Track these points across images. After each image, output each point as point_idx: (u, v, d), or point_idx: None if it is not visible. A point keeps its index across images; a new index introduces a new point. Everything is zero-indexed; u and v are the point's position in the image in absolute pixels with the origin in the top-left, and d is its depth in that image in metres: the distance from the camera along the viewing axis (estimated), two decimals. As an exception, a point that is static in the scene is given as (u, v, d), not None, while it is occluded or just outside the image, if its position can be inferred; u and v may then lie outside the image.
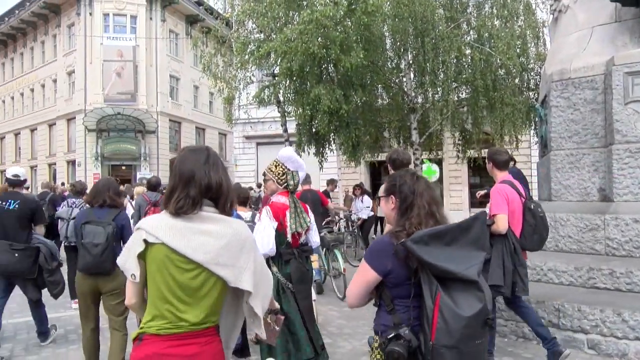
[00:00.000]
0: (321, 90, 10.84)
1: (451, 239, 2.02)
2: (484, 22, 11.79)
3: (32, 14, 33.09)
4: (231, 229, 1.89)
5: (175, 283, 1.82)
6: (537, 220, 4.46)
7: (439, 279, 1.95)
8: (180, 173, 1.91)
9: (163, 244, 1.82)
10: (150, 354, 1.81)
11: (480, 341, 1.99)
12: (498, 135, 12.45)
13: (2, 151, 40.02)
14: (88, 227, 4.15)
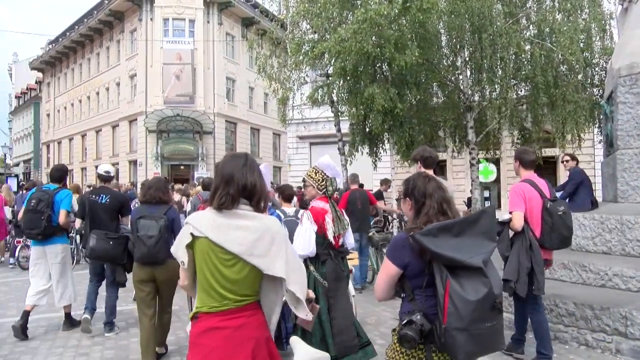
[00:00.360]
0: (375, 89, 10.78)
1: (459, 231, 2.22)
2: (545, 16, 11.34)
3: (99, 22, 34.78)
4: (263, 224, 2.24)
5: (217, 270, 2.18)
6: (555, 219, 4.42)
7: (449, 267, 2.15)
8: (222, 174, 2.27)
9: (206, 237, 2.18)
10: (205, 329, 2.19)
11: (491, 324, 2.16)
12: (559, 133, 11.95)
13: (70, 151, 42.25)
14: (142, 222, 4.58)
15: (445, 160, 21.98)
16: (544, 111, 11.93)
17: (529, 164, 4.80)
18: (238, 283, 2.20)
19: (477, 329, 2.12)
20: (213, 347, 2.17)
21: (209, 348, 2.18)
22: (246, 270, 2.20)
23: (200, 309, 2.24)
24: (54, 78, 45.80)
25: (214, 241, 2.17)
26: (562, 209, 4.48)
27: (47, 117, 48.08)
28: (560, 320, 5.32)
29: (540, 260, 4.45)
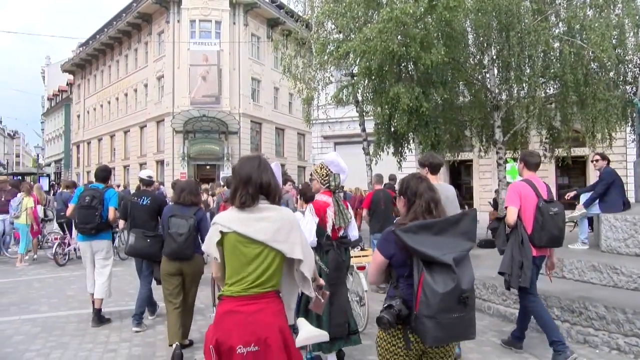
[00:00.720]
0: (400, 88, 10.71)
1: (439, 230, 2.51)
2: (575, 12, 11.10)
3: (127, 24, 35.44)
4: (281, 214, 2.58)
5: (245, 259, 2.50)
6: (545, 218, 4.65)
7: (425, 262, 2.42)
8: (240, 176, 2.57)
9: (234, 232, 2.50)
10: (226, 310, 2.49)
11: (458, 315, 2.41)
12: (589, 133, 11.68)
13: (99, 151, 43.13)
14: (173, 220, 4.98)
15: (472, 160, 21.72)
16: (574, 110, 11.67)
17: (533, 166, 5.09)
18: (262, 271, 2.50)
19: (445, 318, 2.37)
20: (231, 327, 2.46)
21: (228, 328, 2.46)
22: (271, 257, 2.51)
23: (225, 293, 2.55)
24: (84, 80, 46.86)
25: (242, 233, 2.49)
26: (554, 210, 4.71)
27: (77, 118, 49.20)
28: (590, 323, 5.20)
29: (529, 255, 4.69)
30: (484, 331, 5.88)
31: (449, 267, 2.40)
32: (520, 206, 4.79)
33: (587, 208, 7.40)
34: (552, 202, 4.83)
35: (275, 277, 2.56)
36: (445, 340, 2.51)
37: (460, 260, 2.46)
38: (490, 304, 6.58)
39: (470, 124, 14.08)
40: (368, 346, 5.05)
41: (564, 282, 6.32)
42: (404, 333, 2.55)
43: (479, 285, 6.82)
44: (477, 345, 5.34)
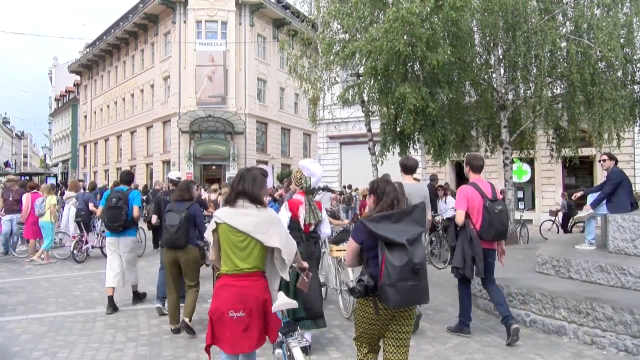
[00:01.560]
0: (406, 88, 10.68)
1: (397, 219, 3.23)
2: (583, 11, 11.03)
3: (134, 25, 35.59)
4: (262, 213, 3.33)
5: (233, 245, 3.25)
6: (492, 216, 5.32)
7: (386, 244, 3.10)
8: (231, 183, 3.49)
9: (225, 223, 3.26)
10: (222, 284, 3.26)
11: (412, 283, 3.09)
12: (596, 132, 11.61)
13: (106, 152, 43.35)
14: (169, 214, 5.72)
15: (478, 160, 21.68)
16: (581, 109, 11.59)
17: (478, 169, 5.70)
18: (248, 254, 3.25)
19: (402, 285, 3.06)
20: (225, 297, 3.21)
21: (222, 297, 3.22)
22: (252, 244, 3.24)
23: (222, 272, 3.30)
24: (91, 81, 47.11)
25: (230, 224, 3.25)
26: (499, 208, 5.40)
27: (84, 119, 49.47)
28: (597, 324, 5.17)
29: (479, 250, 5.37)
30: (489, 332, 5.86)
31: (403, 246, 3.09)
32: (467, 207, 5.44)
33: (594, 208, 7.36)
34: (496, 201, 5.48)
35: (258, 262, 3.29)
36: (404, 303, 3.16)
37: (414, 241, 3.15)
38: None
39: (476, 124, 14.03)
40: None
41: (570, 283, 6.29)
42: (374, 302, 3.23)
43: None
44: (483, 346, 5.33)
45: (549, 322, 5.71)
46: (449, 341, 5.51)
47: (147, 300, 7.49)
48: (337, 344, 5.45)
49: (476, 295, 7.00)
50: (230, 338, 3.17)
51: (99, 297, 7.69)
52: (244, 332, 3.16)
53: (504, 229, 5.44)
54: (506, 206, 5.52)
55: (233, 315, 3.15)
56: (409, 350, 3.48)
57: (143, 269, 10.33)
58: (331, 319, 6.24)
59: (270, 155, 34.00)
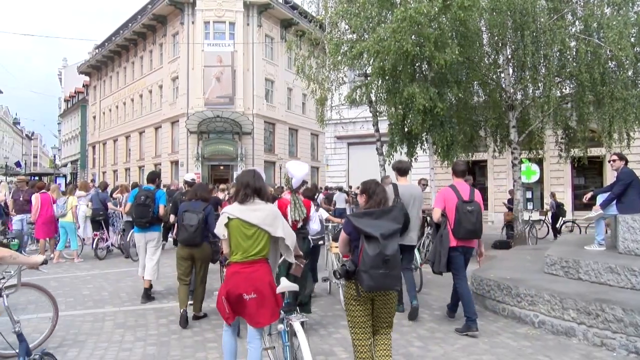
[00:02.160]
0: (415, 88, 10.66)
1: (377, 216, 3.74)
2: (592, 10, 10.95)
3: (142, 26, 35.75)
4: (268, 208, 3.92)
5: (244, 236, 3.78)
6: (461, 215, 5.81)
7: (366, 236, 3.62)
8: (241, 182, 3.93)
9: (237, 218, 3.78)
10: (233, 271, 3.80)
11: (384, 271, 3.58)
12: (606, 132, 11.51)
13: (115, 152, 43.57)
14: (186, 214, 6.15)
15: (486, 161, 21.56)
16: (590, 109, 11.52)
17: (459, 173, 6.24)
18: (255, 244, 3.79)
19: (374, 272, 3.58)
20: (237, 282, 3.76)
21: (235, 282, 3.77)
22: (261, 235, 3.80)
23: (232, 260, 3.85)
24: (100, 81, 47.39)
25: (242, 219, 3.78)
26: (469, 208, 5.85)
27: (93, 119, 49.77)
28: (607, 326, 5.13)
29: (446, 247, 5.91)
30: (499, 333, 5.83)
31: (377, 239, 3.59)
32: (444, 207, 6.00)
33: (604, 209, 7.30)
34: (469, 202, 5.92)
35: (264, 249, 3.84)
36: (376, 288, 3.68)
37: (387, 235, 3.64)
38: (504, 306, 6.53)
39: (484, 124, 13.98)
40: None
41: (579, 284, 6.25)
42: (356, 285, 3.76)
43: (494, 286, 6.77)
44: (492, 347, 5.31)
45: (558, 323, 5.67)
46: (457, 342, 5.49)
47: (156, 300, 7.55)
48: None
49: (484, 296, 6.98)
50: (249, 315, 3.77)
51: (107, 297, 7.75)
52: (258, 310, 3.75)
53: (473, 228, 5.84)
54: (479, 207, 5.95)
55: (247, 298, 3.73)
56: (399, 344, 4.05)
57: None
58: (333, 307, 6.25)
59: (278, 155, 34.05)
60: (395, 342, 5.38)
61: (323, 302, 7.51)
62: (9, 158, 63.19)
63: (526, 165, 15.81)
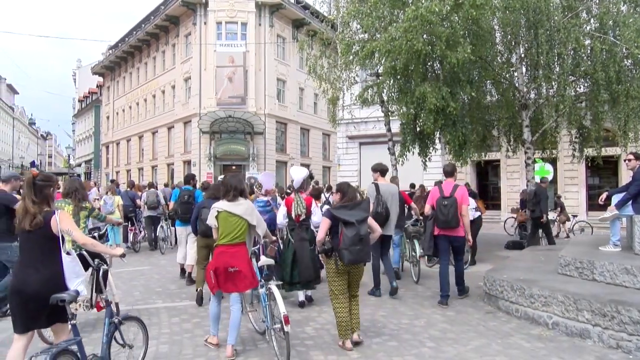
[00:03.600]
0: (426, 88, 10.59)
1: (351, 208, 5.14)
2: (608, 8, 10.81)
3: (155, 27, 35.98)
4: (247, 203, 5.17)
5: (230, 224, 5.01)
6: (439, 208, 7.17)
7: (344, 223, 4.99)
8: (229, 184, 5.17)
9: (225, 210, 5.02)
10: (220, 251, 5.00)
11: (359, 247, 4.97)
12: (621, 132, 11.36)
13: (128, 152, 43.93)
14: (204, 210, 6.94)
15: (499, 160, 21.42)
16: (605, 108, 11.37)
17: (447, 174, 7.53)
18: (237, 231, 5.05)
19: (352, 249, 4.95)
20: (224, 259, 4.98)
21: (222, 259, 4.99)
22: (241, 223, 5.06)
23: (219, 243, 5.09)
24: (114, 82, 47.79)
25: (229, 211, 5.05)
26: (445, 203, 7.13)
27: (106, 120, 50.20)
28: (623, 328, 5.06)
29: (428, 233, 7.41)
30: (511, 334, 5.79)
31: (354, 224, 5.03)
32: (433, 203, 7.32)
33: (619, 209, 7.20)
34: (447, 197, 7.15)
35: (243, 235, 5.10)
36: (354, 261, 5.06)
37: (361, 221, 5.09)
38: (518, 307, 6.48)
39: (497, 124, 13.87)
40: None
41: (594, 285, 6.19)
42: (334, 261, 5.15)
43: (507, 287, 6.72)
44: (505, 348, 5.26)
45: (572, 325, 5.61)
46: (470, 343, 5.46)
47: (168, 299, 7.59)
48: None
49: (497, 297, 6.94)
50: (231, 283, 4.99)
51: (121, 295, 7.79)
52: (239, 279, 4.97)
53: (445, 219, 7.10)
54: (455, 202, 7.08)
55: (231, 270, 4.94)
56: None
57: (164, 267, 10.46)
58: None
59: (290, 155, 34.10)
60: (407, 343, 5.44)
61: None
62: (25, 158, 64.04)
63: (540, 165, 15.66)
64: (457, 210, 7.06)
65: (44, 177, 3.86)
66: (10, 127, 75.09)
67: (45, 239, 3.69)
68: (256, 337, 5.76)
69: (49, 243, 3.68)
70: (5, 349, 5.29)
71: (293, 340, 5.17)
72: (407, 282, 9.09)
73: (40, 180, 3.78)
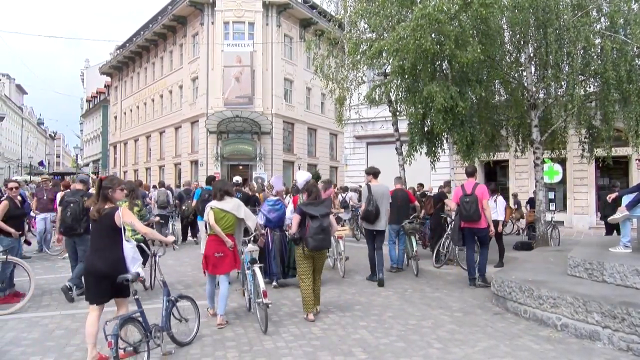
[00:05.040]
0: (435, 87, 10.52)
1: (316, 205, 6.42)
2: (619, 7, 10.69)
3: (163, 27, 36.11)
4: (235, 201, 6.54)
5: (221, 218, 6.24)
6: (462, 204, 8.44)
7: (310, 216, 6.28)
8: (216, 188, 6.61)
9: (217, 207, 6.28)
10: (210, 240, 6.31)
11: (322, 236, 6.24)
12: (632, 132, 11.23)
13: (135, 152, 44.12)
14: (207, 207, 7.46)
15: (508, 160, 21.28)
16: (615, 108, 11.24)
17: (468, 174, 8.87)
18: (227, 223, 6.23)
19: (316, 237, 6.17)
20: (214, 246, 6.17)
21: (213, 246, 6.19)
22: (230, 217, 6.28)
23: (210, 233, 6.28)
24: (121, 82, 48.03)
25: (220, 208, 6.24)
26: (466, 200, 8.38)
27: (114, 120, 50.47)
28: (633, 330, 5.00)
29: (455, 227, 8.91)
30: (520, 335, 5.74)
31: (318, 217, 6.21)
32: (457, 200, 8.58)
33: (630, 210, 7.13)
34: (468, 195, 8.38)
35: (232, 227, 6.31)
36: (317, 247, 6.27)
37: (324, 215, 6.32)
38: (526, 308, 6.42)
39: (506, 123, 13.76)
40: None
41: (604, 287, 6.12)
42: (302, 247, 6.33)
43: (515, 288, 6.67)
44: (513, 349, 5.22)
45: (582, 327, 5.56)
46: (477, 344, 5.41)
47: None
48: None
49: (506, 298, 6.89)
50: (219, 266, 6.18)
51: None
52: (224, 263, 6.19)
53: (467, 213, 8.39)
54: (476, 199, 8.33)
55: (217, 255, 6.16)
56: None
57: (172, 267, 10.48)
58: (352, 308, 6.25)
59: (297, 155, 34.10)
60: (414, 344, 5.42)
61: (342, 302, 7.50)
62: (33, 158, 64.43)
63: (549, 165, 15.53)
64: (478, 206, 8.27)
65: (108, 181, 4.81)
66: (19, 127, 75.63)
67: (110, 229, 4.60)
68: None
69: (113, 233, 4.59)
70: (14, 347, 5.33)
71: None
72: (414, 282, 9.10)
73: (105, 182, 4.77)
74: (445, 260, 10.64)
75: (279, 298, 7.63)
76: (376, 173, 9.34)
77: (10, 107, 72.53)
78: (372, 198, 8.83)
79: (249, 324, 6.31)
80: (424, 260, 10.66)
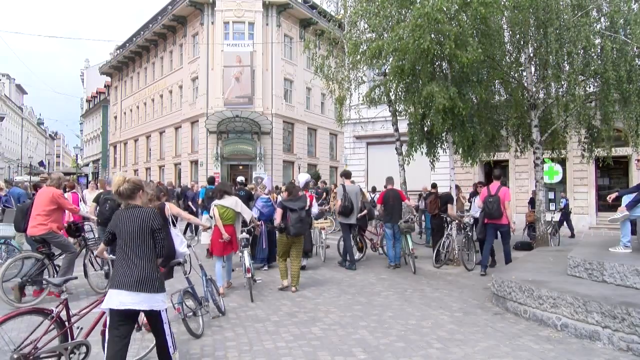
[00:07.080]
0: (434, 87, 10.50)
1: (295, 200, 8.21)
2: (619, 6, 10.68)
3: (163, 27, 36.10)
4: (233, 197, 8.21)
5: (223, 212, 7.97)
6: (486, 204, 9.69)
7: (290, 209, 8.12)
8: (217, 189, 8.53)
9: (219, 204, 8.00)
10: (217, 230, 7.98)
11: (300, 225, 8.08)
12: (632, 132, 11.23)
13: (135, 152, 44.10)
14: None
15: (508, 160, 21.27)
16: (615, 108, 11.23)
17: (496, 177, 10.07)
18: (227, 216, 7.95)
19: (296, 226, 8.02)
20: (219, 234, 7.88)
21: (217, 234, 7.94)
22: (231, 212, 7.99)
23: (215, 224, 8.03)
24: (121, 82, 48.01)
25: (222, 204, 7.96)
26: (490, 200, 9.62)
27: (114, 120, 50.45)
28: (633, 330, 5.00)
29: (481, 223, 10.01)
30: (520, 335, 5.73)
31: (296, 210, 8.02)
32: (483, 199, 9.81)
33: (630, 210, 7.12)
34: (492, 195, 9.63)
35: (232, 219, 8.00)
36: (296, 234, 8.06)
37: (301, 208, 8.07)
38: (526, 308, 6.42)
39: (506, 123, 13.74)
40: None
41: (604, 287, 6.12)
42: (285, 234, 8.14)
43: (515, 288, 6.67)
44: (513, 349, 5.21)
45: (582, 327, 5.55)
46: (478, 344, 5.41)
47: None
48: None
49: (505, 297, 6.88)
50: (221, 249, 7.85)
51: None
52: (226, 247, 7.87)
53: (489, 211, 9.63)
54: (498, 199, 9.55)
55: (222, 240, 7.79)
56: None
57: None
58: (352, 308, 6.26)
59: (297, 155, 34.09)
60: (414, 344, 5.41)
61: (342, 302, 7.50)
62: (33, 157, 64.36)
63: (549, 165, 15.53)
64: (500, 205, 9.50)
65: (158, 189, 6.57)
66: (19, 127, 75.62)
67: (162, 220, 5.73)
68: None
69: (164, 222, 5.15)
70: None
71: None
72: (414, 282, 9.09)
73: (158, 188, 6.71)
74: (445, 260, 10.65)
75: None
76: (348, 174, 11.35)
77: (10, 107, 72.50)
78: (347, 196, 10.49)
79: (249, 324, 6.31)
80: (424, 260, 10.65)
